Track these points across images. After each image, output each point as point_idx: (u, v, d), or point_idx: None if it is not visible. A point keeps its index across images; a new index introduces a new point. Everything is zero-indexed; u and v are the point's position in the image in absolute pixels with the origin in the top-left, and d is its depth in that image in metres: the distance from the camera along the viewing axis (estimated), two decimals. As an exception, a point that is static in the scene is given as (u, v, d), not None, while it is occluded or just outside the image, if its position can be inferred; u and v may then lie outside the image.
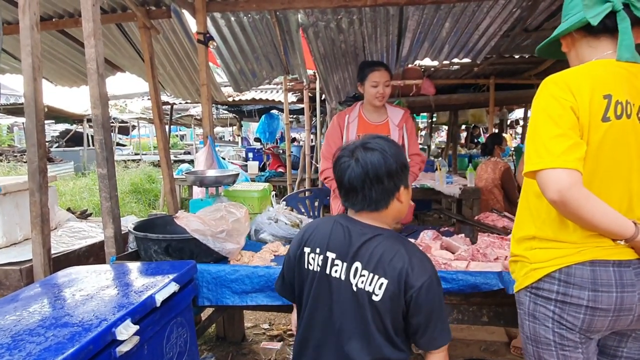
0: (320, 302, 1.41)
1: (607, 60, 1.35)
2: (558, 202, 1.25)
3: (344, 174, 1.38)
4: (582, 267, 1.31)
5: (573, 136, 1.26)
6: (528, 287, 1.41)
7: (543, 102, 1.32)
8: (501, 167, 4.60)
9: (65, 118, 14.47)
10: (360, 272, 1.33)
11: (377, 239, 1.35)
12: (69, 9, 3.96)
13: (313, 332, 1.42)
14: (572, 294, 1.31)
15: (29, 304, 1.49)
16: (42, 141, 2.11)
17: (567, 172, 1.23)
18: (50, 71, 5.19)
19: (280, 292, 1.63)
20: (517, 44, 4.86)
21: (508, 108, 11.16)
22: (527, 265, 1.40)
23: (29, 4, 2.02)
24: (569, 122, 1.27)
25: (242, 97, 8.61)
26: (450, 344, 1.43)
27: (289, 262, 1.53)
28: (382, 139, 1.40)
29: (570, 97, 1.28)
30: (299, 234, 1.53)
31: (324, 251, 1.41)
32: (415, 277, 1.28)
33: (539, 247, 1.39)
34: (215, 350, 3.16)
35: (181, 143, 22.52)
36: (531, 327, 1.42)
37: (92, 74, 2.08)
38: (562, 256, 1.33)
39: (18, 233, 2.70)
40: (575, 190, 1.22)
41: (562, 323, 1.34)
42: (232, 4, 3.65)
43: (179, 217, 2.11)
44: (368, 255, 1.33)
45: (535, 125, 1.32)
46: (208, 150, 3.28)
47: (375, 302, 1.30)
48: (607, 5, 1.33)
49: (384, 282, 1.29)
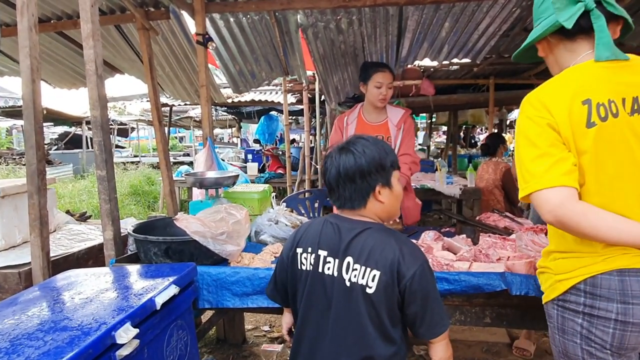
0: (314, 300, 1.43)
1: (584, 63, 1.31)
2: (555, 223, 1.22)
3: (325, 173, 1.46)
4: (608, 277, 1.23)
5: (555, 153, 1.23)
6: (554, 299, 1.35)
7: (521, 125, 1.31)
8: (502, 167, 4.59)
9: (64, 120, 14.47)
10: (352, 266, 1.36)
11: (366, 232, 1.38)
12: (68, 10, 3.95)
13: (307, 331, 1.45)
14: (600, 307, 1.24)
15: (27, 307, 1.48)
16: (41, 143, 2.09)
17: (554, 190, 1.20)
18: (48, 73, 5.18)
19: (271, 296, 1.66)
20: (517, 44, 4.85)
21: (507, 108, 11.14)
22: (552, 277, 1.35)
23: (27, 6, 2.01)
24: (548, 139, 1.24)
25: (242, 98, 8.60)
26: (452, 345, 1.44)
27: (282, 264, 1.56)
28: (364, 140, 1.44)
29: (546, 113, 1.26)
30: (291, 237, 1.57)
31: (315, 250, 1.44)
32: (407, 266, 1.31)
33: (562, 256, 1.34)
34: (216, 353, 3.14)
35: (180, 145, 22.49)
36: (561, 342, 1.35)
37: (91, 75, 2.07)
38: (586, 265, 1.27)
39: (17, 236, 2.69)
40: (567, 206, 1.19)
41: (591, 339, 1.26)
42: (231, 5, 3.64)
43: (178, 219, 2.09)
44: (359, 249, 1.36)
45: (517, 150, 1.31)
46: (207, 151, 3.27)
47: (370, 294, 1.32)
48: (580, 6, 1.28)
49: (376, 274, 1.32)
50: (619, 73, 1.27)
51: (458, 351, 3.04)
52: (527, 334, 3.04)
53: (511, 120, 16.69)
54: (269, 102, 8.83)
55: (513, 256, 2.05)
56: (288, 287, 1.54)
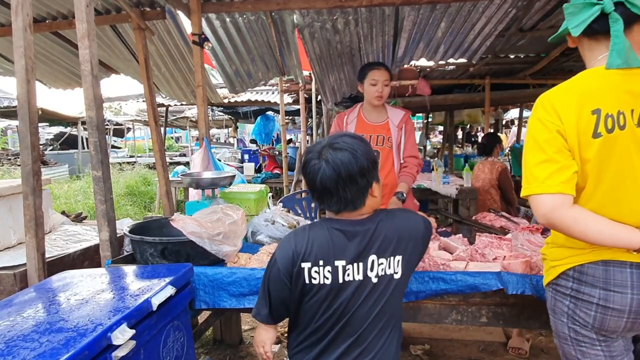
0: (337, 310, 1.39)
1: (597, 69, 1.32)
2: (547, 225, 1.34)
3: (315, 177, 1.36)
4: (594, 266, 1.34)
5: (559, 160, 1.29)
6: (549, 283, 1.47)
7: (532, 127, 1.36)
8: (498, 167, 4.60)
9: (60, 121, 14.40)
10: (377, 262, 1.39)
11: (374, 227, 1.40)
12: (63, 10, 3.94)
13: (333, 341, 1.41)
14: (584, 291, 1.35)
15: (23, 309, 1.47)
16: (36, 144, 2.08)
17: (551, 196, 1.28)
18: (44, 73, 5.15)
19: (266, 321, 1.51)
20: (513, 44, 4.88)
21: (503, 108, 11.19)
22: (548, 263, 1.47)
23: (22, 6, 2.00)
24: (555, 146, 1.29)
25: (238, 98, 8.60)
26: (449, 344, 1.47)
27: (280, 282, 1.41)
28: (350, 137, 1.41)
29: (557, 119, 1.29)
30: (286, 251, 1.40)
31: (330, 262, 1.37)
32: (417, 229, 1.46)
33: (556, 246, 1.46)
34: (213, 354, 3.14)
35: (177, 145, 22.44)
36: (553, 322, 1.48)
37: (87, 75, 2.06)
38: (575, 255, 1.38)
39: (12, 237, 2.68)
40: (558, 212, 1.28)
41: (575, 319, 1.38)
42: (228, 5, 3.63)
43: (175, 219, 2.09)
44: (377, 246, 1.38)
45: (525, 150, 1.37)
46: (204, 152, 3.26)
47: (397, 279, 1.41)
48: (596, 9, 1.28)
49: (399, 259, 1.39)
50: (632, 81, 1.28)
51: (454, 350, 3.05)
52: (519, 332, 3.05)
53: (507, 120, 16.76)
54: (266, 102, 8.83)
55: (509, 255, 2.05)
56: (290, 303, 1.44)
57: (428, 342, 3.14)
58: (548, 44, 4.92)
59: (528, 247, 2.20)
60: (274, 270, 1.43)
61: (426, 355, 2.98)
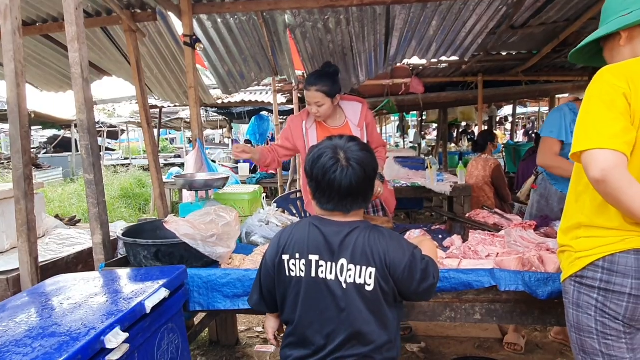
0: (312, 305, 1.42)
1: None
2: (600, 181, 1.25)
3: (333, 182, 1.39)
4: (626, 256, 1.32)
5: (623, 121, 1.28)
6: (572, 275, 1.43)
7: (597, 89, 1.35)
8: (491, 164, 4.62)
9: (53, 124, 14.30)
10: (346, 267, 1.38)
11: (355, 232, 1.40)
12: (53, 13, 3.92)
13: (309, 334, 1.43)
14: (616, 282, 1.33)
15: (15, 313, 1.47)
16: (27, 148, 2.07)
17: (614, 153, 1.24)
18: (35, 76, 5.12)
19: (257, 306, 1.60)
20: (504, 41, 4.90)
21: (497, 105, 11.23)
22: (573, 255, 1.44)
23: (11, 9, 1.99)
24: (621, 107, 1.29)
25: (232, 99, 8.57)
26: (444, 342, 1.47)
27: (267, 271, 1.52)
28: (356, 146, 1.44)
29: (624, 84, 1.30)
30: (274, 242, 1.52)
31: (304, 255, 1.43)
32: (398, 260, 1.37)
33: (584, 235, 1.42)
34: (209, 355, 3.13)
35: (171, 146, 22.36)
36: (575, 316, 1.45)
37: (77, 78, 2.05)
38: (605, 244, 1.36)
39: (5, 241, 2.66)
40: (618, 170, 1.23)
41: (605, 311, 1.36)
42: (219, 6, 3.63)
43: (168, 221, 2.08)
44: (351, 250, 1.38)
45: (587, 109, 1.34)
46: (197, 153, 3.26)
47: (369, 291, 1.36)
48: None
49: (372, 271, 1.36)
50: None
51: (450, 347, 3.06)
52: (514, 328, 3.07)
53: (501, 117, 16.82)
54: (259, 102, 8.81)
55: (502, 252, 2.06)
56: (276, 293, 1.52)
57: (424, 339, 3.16)
58: (539, 41, 4.95)
59: (521, 244, 2.21)
60: (264, 261, 1.55)
61: (422, 353, 2.99)
